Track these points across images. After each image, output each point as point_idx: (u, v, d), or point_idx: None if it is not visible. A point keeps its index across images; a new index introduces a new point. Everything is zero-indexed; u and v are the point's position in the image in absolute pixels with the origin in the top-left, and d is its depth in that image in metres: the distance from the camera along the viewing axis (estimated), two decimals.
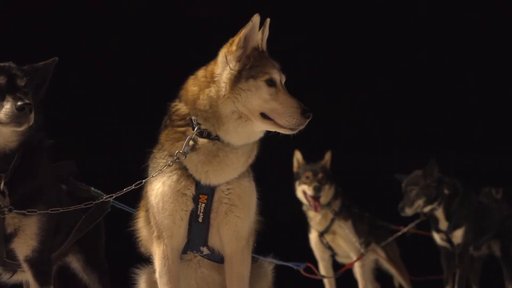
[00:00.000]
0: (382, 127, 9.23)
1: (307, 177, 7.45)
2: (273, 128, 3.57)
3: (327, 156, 7.56)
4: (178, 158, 3.60)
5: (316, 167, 7.51)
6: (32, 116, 3.53)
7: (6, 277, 4.06)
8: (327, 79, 8.79)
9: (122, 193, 3.88)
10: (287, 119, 3.51)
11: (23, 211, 3.65)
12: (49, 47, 6.75)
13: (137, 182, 3.80)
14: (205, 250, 3.77)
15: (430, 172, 6.99)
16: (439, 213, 7.08)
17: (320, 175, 7.44)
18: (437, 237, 7.23)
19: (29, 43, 7.10)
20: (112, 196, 3.99)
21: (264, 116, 3.55)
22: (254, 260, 3.90)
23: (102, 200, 4.11)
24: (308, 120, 3.52)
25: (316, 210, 7.34)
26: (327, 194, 7.44)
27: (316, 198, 7.33)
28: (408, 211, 6.99)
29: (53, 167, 4.06)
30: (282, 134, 3.59)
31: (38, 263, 3.74)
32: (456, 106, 9.07)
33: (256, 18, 3.57)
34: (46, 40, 7.30)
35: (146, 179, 3.79)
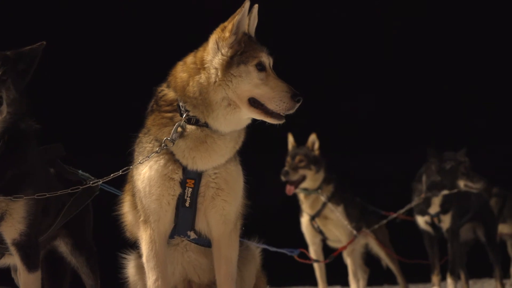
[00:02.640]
0: (377, 113, 9.27)
1: (287, 161, 7.48)
2: (260, 117, 3.58)
3: (311, 138, 7.54)
4: (166, 146, 3.60)
5: (297, 151, 7.52)
6: (4, 107, 3.51)
7: None
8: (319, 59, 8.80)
9: (109, 178, 3.89)
10: (277, 104, 3.52)
11: (9, 197, 3.65)
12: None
13: (124, 168, 3.80)
14: (192, 235, 3.76)
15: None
16: (437, 198, 7.11)
17: (297, 159, 7.45)
18: (421, 221, 7.28)
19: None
20: (99, 181, 3.99)
21: (252, 103, 3.55)
22: (240, 243, 3.89)
23: (88, 185, 4.08)
24: (298, 104, 3.53)
25: (287, 192, 7.34)
26: (313, 178, 7.44)
27: (289, 182, 7.32)
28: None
29: (41, 150, 4.05)
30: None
31: (25, 247, 3.73)
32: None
33: (247, 4, 3.57)
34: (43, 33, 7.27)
35: (133, 165, 3.77)
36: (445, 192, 7.05)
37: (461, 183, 7.02)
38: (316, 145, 7.52)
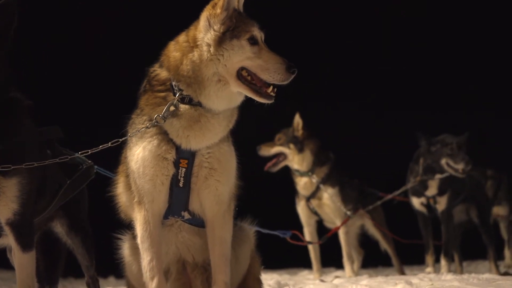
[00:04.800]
0: (376, 86, 9.29)
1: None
2: (248, 93, 3.59)
3: (295, 119, 7.55)
4: (157, 122, 3.61)
5: (283, 131, 7.59)
6: None
7: None
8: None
9: (97, 149, 3.84)
10: (271, 75, 3.53)
11: None
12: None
13: (114, 141, 3.79)
14: (186, 215, 3.78)
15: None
16: (435, 181, 7.14)
17: (277, 137, 7.55)
18: (416, 202, 7.33)
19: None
20: (88, 152, 3.90)
21: (240, 78, 3.56)
22: (234, 224, 3.91)
23: (75, 155, 4.03)
24: (293, 76, 3.54)
25: (265, 169, 7.52)
26: (296, 158, 7.48)
27: (267, 158, 7.45)
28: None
29: (38, 132, 4.01)
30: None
31: (19, 226, 3.70)
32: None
33: None
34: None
35: (123, 138, 3.78)
36: (439, 176, 7.08)
37: (443, 163, 7.05)
38: (300, 126, 7.53)
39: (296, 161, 7.49)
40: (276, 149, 7.53)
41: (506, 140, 9.69)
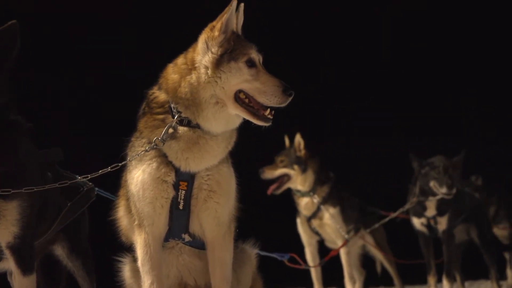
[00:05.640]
0: (377, 113, 9.30)
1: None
2: (245, 115, 3.59)
3: (296, 139, 7.55)
4: (156, 145, 3.61)
5: (282, 151, 7.58)
6: None
7: None
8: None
9: (97, 174, 3.85)
10: (268, 98, 3.54)
11: None
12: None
13: (113, 165, 3.79)
14: (186, 237, 3.78)
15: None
16: (432, 202, 7.14)
17: (279, 159, 7.54)
18: (417, 222, 7.31)
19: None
20: (88, 176, 3.92)
21: (237, 100, 3.56)
22: (236, 246, 3.91)
23: (76, 180, 4.03)
24: (290, 98, 3.55)
25: (268, 192, 7.50)
26: (300, 179, 7.46)
27: (270, 181, 7.42)
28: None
29: (39, 154, 4.01)
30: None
31: (20, 250, 3.68)
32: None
33: (234, 3, 3.60)
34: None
35: (122, 163, 3.78)
36: (432, 198, 7.09)
37: (432, 186, 7.08)
38: (302, 146, 7.53)
39: (299, 181, 7.49)
40: (280, 171, 7.52)
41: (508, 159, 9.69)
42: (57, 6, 7.82)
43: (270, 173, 7.51)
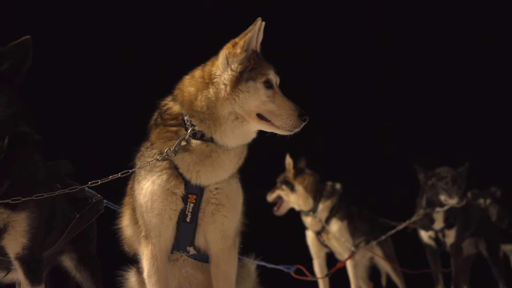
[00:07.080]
0: (382, 124, 9.29)
1: None
2: (269, 129, 3.60)
3: (286, 160, 7.60)
4: (168, 155, 3.60)
5: (281, 174, 7.65)
6: None
7: (0, 276, 4.03)
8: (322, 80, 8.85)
9: (107, 180, 3.80)
10: (284, 121, 3.55)
11: (7, 200, 3.57)
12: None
13: (124, 171, 3.78)
14: (191, 250, 3.79)
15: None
16: (439, 214, 7.12)
17: (277, 182, 7.59)
18: (424, 235, 7.29)
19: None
20: (98, 182, 3.87)
21: (260, 117, 3.58)
22: (238, 260, 3.91)
23: (85, 186, 4.02)
24: (304, 123, 3.56)
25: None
26: (292, 198, 7.51)
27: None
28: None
29: (48, 166, 4.04)
30: (279, 135, 3.64)
31: (28, 261, 3.69)
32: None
33: (259, 22, 3.61)
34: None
35: (134, 169, 3.78)
36: (439, 209, 7.07)
37: (442, 198, 7.06)
38: (291, 166, 7.57)
39: (293, 200, 7.52)
40: (276, 194, 7.62)
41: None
42: (73, 23, 7.89)
43: (269, 196, 7.64)
